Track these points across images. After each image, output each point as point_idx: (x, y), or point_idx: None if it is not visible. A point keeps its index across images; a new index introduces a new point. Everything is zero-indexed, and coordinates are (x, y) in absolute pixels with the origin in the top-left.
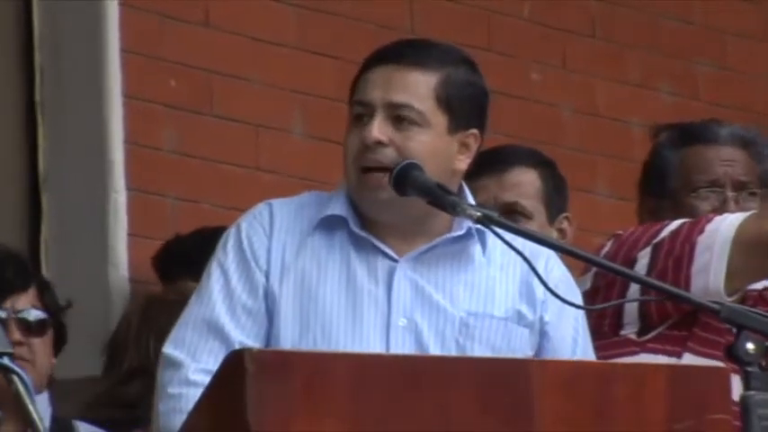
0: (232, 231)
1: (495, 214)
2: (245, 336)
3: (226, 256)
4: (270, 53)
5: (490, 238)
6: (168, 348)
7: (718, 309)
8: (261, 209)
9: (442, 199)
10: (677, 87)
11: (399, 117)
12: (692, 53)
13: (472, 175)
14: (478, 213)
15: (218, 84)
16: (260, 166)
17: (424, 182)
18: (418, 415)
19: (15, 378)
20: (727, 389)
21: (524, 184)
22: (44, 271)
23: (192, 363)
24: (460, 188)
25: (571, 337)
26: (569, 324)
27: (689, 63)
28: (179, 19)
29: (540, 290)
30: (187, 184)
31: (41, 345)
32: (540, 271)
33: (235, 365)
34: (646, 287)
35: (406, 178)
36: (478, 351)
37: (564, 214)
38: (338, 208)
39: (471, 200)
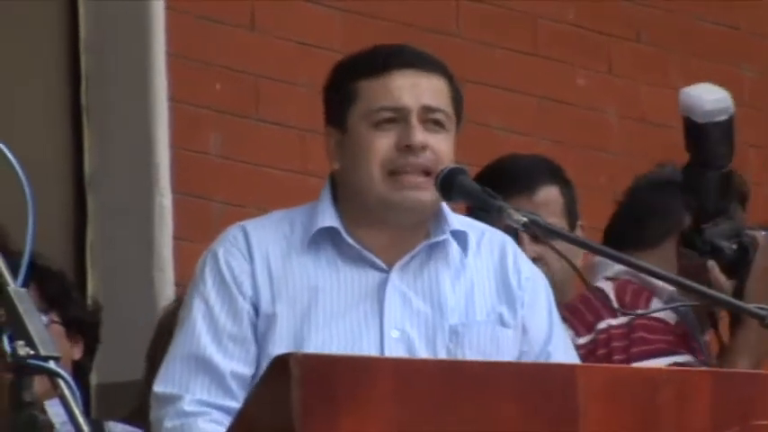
0: (207, 259)
1: (541, 219)
2: (234, 363)
3: (204, 285)
4: (316, 57)
5: (470, 241)
6: (159, 387)
7: (764, 315)
8: (234, 233)
9: (488, 203)
10: None
11: (435, 121)
12: (737, 58)
13: (500, 193)
14: (524, 219)
15: (265, 87)
16: (307, 171)
17: (470, 186)
18: (462, 421)
19: (61, 382)
20: None
21: (552, 202)
22: (89, 274)
23: (185, 395)
24: None
25: (546, 323)
26: (542, 314)
27: (734, 68)
28: (225, 23)
29: (516, 286)
30: (233, 188)
31: None
32: (510, 265)
33: (279, 371)
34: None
35: (452, 182)
36: (469, 357)
37: (579, 222)
38: (328, 219)
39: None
